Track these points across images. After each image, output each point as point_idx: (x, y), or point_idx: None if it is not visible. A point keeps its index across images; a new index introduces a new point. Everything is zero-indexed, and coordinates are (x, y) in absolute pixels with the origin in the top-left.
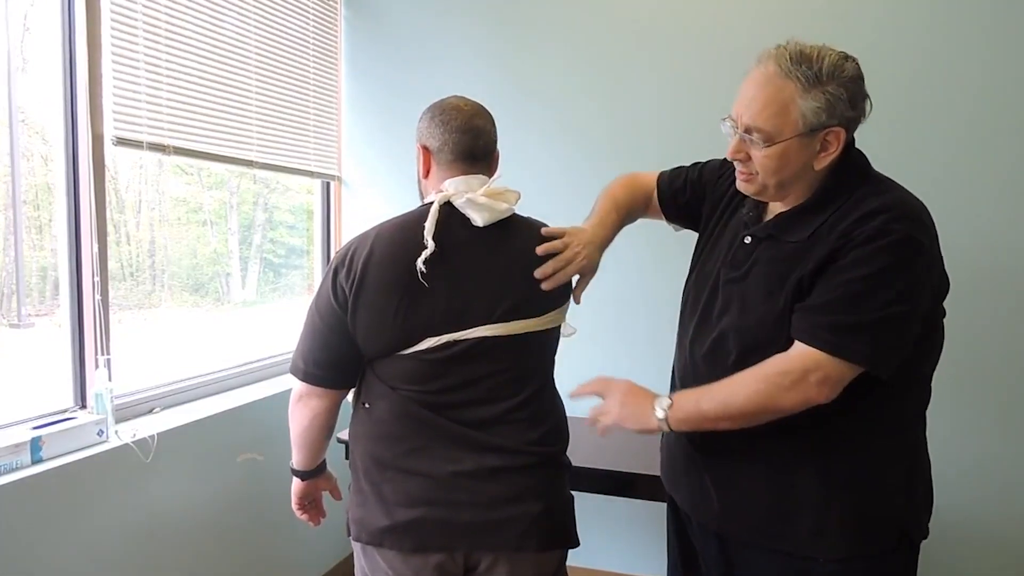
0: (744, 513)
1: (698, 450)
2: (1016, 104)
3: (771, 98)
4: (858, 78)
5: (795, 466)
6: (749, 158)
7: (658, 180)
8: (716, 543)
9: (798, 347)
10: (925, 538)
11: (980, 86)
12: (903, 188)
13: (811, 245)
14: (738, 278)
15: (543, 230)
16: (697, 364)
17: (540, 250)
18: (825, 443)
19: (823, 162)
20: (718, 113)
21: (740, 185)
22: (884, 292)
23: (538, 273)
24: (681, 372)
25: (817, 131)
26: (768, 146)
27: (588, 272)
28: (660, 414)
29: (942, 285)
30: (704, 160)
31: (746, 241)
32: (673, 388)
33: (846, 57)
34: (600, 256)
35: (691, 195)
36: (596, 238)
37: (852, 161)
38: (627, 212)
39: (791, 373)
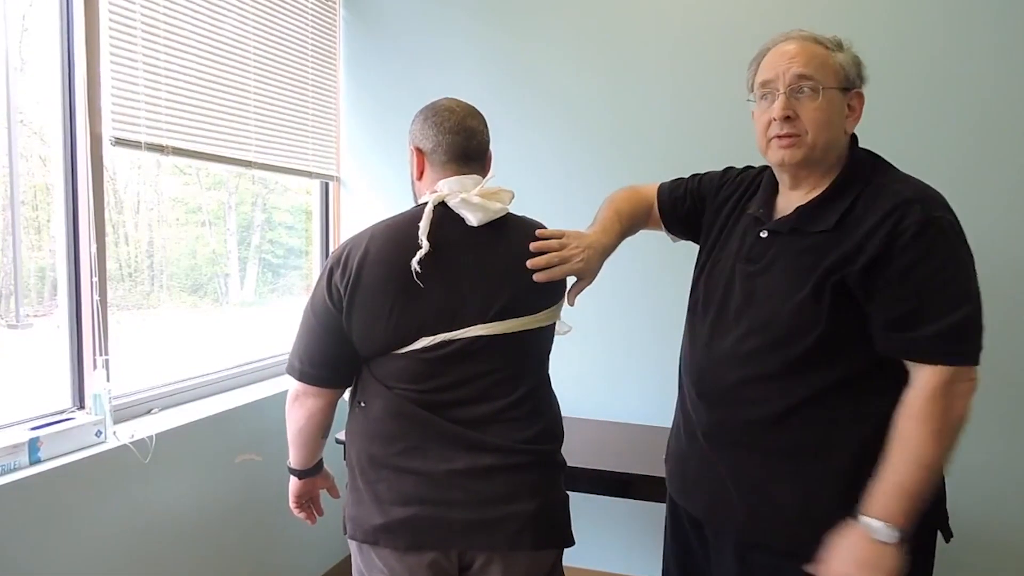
0: (770, 517)
1: (714, 450)
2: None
3: (812, 53)
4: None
5: (820, 459)
6: (797, 116)
7: (658, 191)
8: (733, 550)
9: (920, 372)
10: (947, 537)
11: (988, 89)
12: (909, 175)
13: (840, 235)
14: (758, 271)
15: (538, 231)
16: (719, 361)
17: (534, 247)
18: (853, 433)
19: (851, 127)
20: (723, 107)
21: (783, 153)
22: (963, 278)
23: (530, 263)
24: (696, 370)
25: (849, 90)
26: (820, 94)
27: (586, 276)
28: (891, 538)
29: None
30: (703, 169)
31: (762, 235)
32: (680, 386)
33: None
34: (600, 263)
35: (691, 205)
36: (598, 244)
37: (861, 149)
38: (630, 223)
39: (936, 399)
